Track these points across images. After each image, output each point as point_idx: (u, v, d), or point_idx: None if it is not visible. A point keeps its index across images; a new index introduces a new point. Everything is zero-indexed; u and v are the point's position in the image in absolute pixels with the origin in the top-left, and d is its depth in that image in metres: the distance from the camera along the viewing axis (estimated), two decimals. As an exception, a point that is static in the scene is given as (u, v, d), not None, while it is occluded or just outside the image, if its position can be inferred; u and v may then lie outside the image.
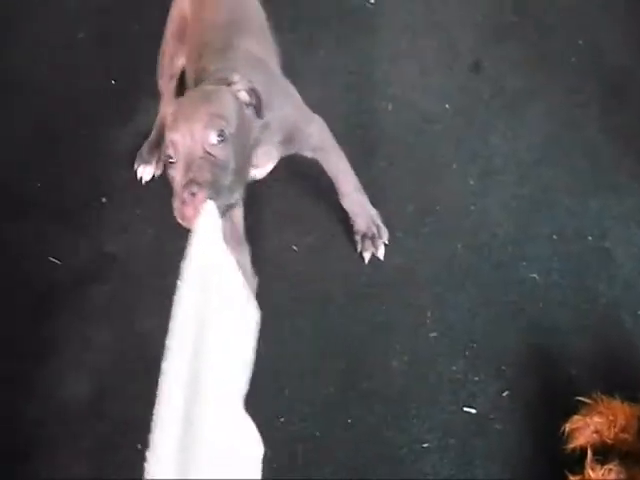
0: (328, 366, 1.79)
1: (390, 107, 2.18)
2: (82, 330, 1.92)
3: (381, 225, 1.93)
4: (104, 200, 2.13)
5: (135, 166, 2.13)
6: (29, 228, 2.11)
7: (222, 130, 1.40)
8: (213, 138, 1.39)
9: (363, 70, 2.27)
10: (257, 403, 1.29)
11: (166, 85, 2.09)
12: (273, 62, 1.86)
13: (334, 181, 1.90)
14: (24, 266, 2.04)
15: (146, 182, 2.13)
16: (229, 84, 1.52)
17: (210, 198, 1.33)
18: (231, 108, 1.48)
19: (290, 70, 2.22)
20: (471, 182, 2.02)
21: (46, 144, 2.23)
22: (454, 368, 1.75)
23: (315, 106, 2.12)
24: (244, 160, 1.49)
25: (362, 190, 1.93)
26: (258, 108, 1.55)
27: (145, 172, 2.13)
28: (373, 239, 1.92)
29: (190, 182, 1.33)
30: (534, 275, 1.85)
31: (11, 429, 1.78)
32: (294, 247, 1.98)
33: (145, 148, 2.14)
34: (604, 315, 1.80)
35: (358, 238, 1.93)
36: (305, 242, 1.99)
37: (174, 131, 1.41)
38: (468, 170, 2.04)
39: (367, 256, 1.92)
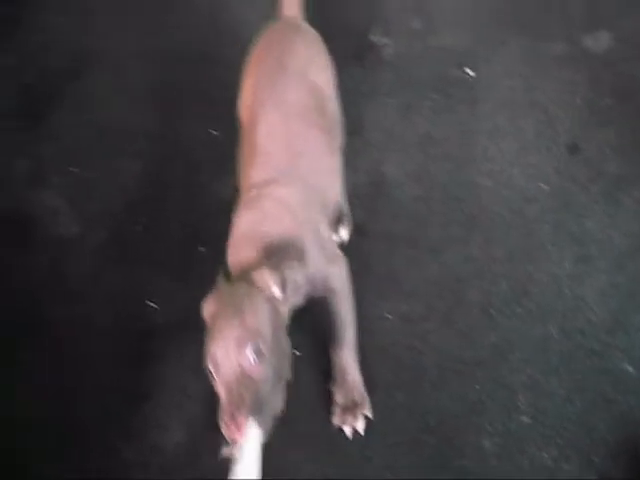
0: (419, 439, 1.82)
1: (488, 182, 2.22)
2: (178, 376, 1.99)
3: (364, 394, 1.83)
4: (202, 249, 2.18)
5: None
6: (130, 271, 2.18)
7: (258, 347, 1.43)
8: (250, 358, 1.42)
9: (462, 142, 2.31)
10: (344, 469, 1.31)
11: None
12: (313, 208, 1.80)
13: (333, 328, 1.83)
14: (123, 308, 2.12)
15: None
16: (260, 286, 1.52)
17: (254, 419, 1.38)
18: (265, 317, 1.49)
19: (388, 134, 2.30)
20: (566, 265, 2.04)
21: (152, 189, 2.31)
22: (545, 455, 1.77)
23: (413, 172, 2.21)
24: (283, 359, 1.51)
25: (356, 350, 1.86)
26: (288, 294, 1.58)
27: None
28: (354, 410, 1.82)
29: (232, 409, 1.38)
30: (628, 367, 1.87)
31: (106, 467, 1.86)
32: (388, 315, 2.00)
33: None
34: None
35: (337, 410, 1.83)
36: (400, 311, 2.02)
37: (211, 345, 1.45)
38: (564, 253, 2.06)
39: (348, 430, 1.81)
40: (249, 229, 1.69)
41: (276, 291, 1.54)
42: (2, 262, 2.22)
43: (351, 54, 2.56)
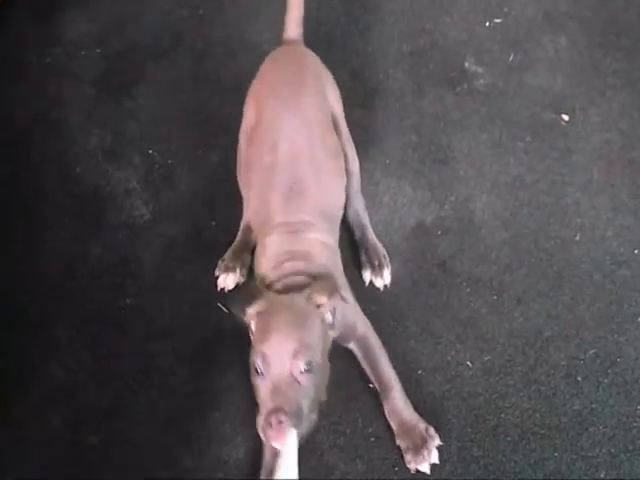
0: (495, 502, 1.74)
1: (578, 237, 2.15)
2: (246, 389, 1.85)
3: (427, 427, 1.80)
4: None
5: (216, 273, 2.03)
6: (201, 268, 2.10)
7: (310, 362, 1.51)
8: (302, 367, 1.50)
9: (553, 190, 2.24)
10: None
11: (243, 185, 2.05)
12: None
13: (374, 374, 1.84)
14: (191, 308, 2.05)
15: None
16: (318, 306, 1.60)
17: (293, 427, 1.45)
18: (319, 336, 1.58)
19: (478, 169, 2.23)
20: (658, 343, 1.97)
21: (230, 184, 2.19)
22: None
23: (501, 215, 2.17)
24: (323, 381, 1.59)
25: (404, 392, 1.83)
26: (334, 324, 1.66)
27: (228, 280, 2.01)
28: (424, 446, 1.77)
29: (278, 410, 1.44)
30: None
31: (164, 476, 1.81)
32: (469, 363, 1.94)
33: (228, 254, 2.04)
34: None
35: (408, 455, 1.79)
36: (481, 360, 1.96)
37: (265, 345, 1.52)
38: (654, 326, 1.99)
39: (426, 468, 1.77)
40: (289, 249, 1.75)
41: (329, 317, 1.63)
42: (76, 241, 2.12)
43: (443, 78, 2.48)
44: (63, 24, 2.56)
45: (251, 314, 1.62)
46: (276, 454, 1.58)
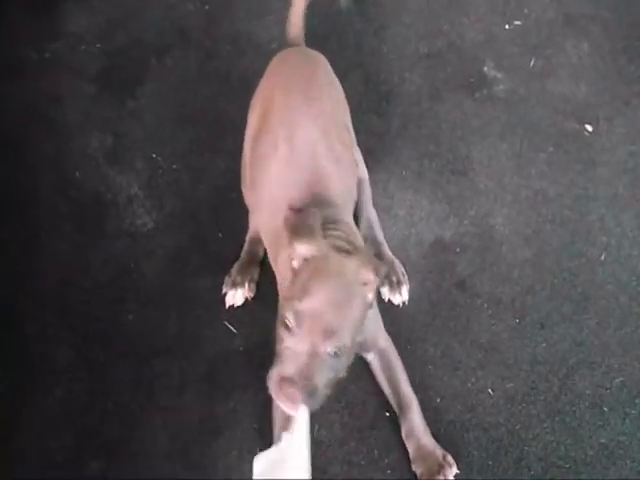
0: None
1: (603, 257, 2.05)
2: (251, 413, 1.82)
3: (443, 452, 1.72)
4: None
5: (224, 290, 1.92)
6: (208, 282, 2.00)
7: (340, 347, 1.42)
8: (330, 350, 1.42)
9: (577, 206, 2.14)
10: None
11: (250, 195, 1.90)
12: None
13: (393, 392, 1.76)
14: (197, 325, 1.94)
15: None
16: (364, 284, 1.48)
17: (304, 403, 1.40)
18: (357, 319, 1.48)
19: (498, 182, 2.12)
20: (684, 368, 1.88)
21: (237, 192, 2.07)
22: None
23: (523, 232, 2.08)
24: (348, 361, 1.50)
25: (422, 415, 1.75)
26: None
27: (236, 297, 1.91)
28: (440, 471, 1.70)
29: (293, 381, 1.39)
30: None
31: None
32: (490, 391, 1.84)
33: (235, 269, 1.93)
34: None
35: (422, 476, 1.71)
36: (503, 387, 1.86)
37: (303, 305, 1.41)
38: (683, 353, 1.90)
39: None
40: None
41: (370, 297, 1.51)
42: (75, 251, 2.00)
43: (461, 83, 2.37)
44: (62, 17, 2.42)
45: (299, 254, 1.49)
46: (285, 427, 1.52)
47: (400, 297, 1.93)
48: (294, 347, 1.42)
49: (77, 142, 2.18)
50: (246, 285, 1.90)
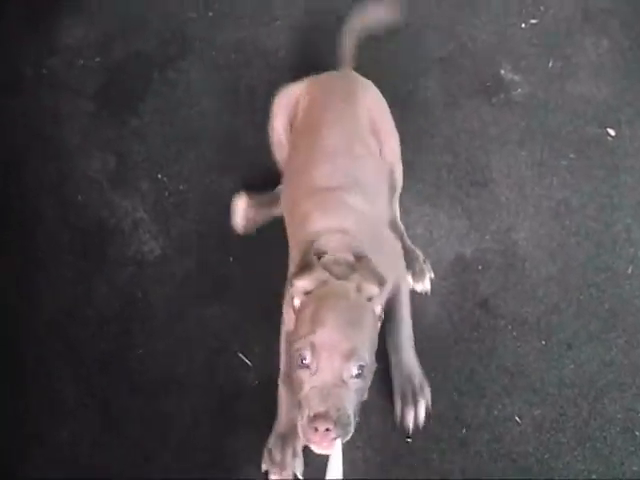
0: None
1: (630, 270, 1.96)
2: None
3: (424, 381, 1.75)
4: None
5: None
6: (219, 311, 1.92)
7: (362, 366, 1.40)
8: (354, 372, 1.39)
9: (601, 216, 2.04)
10: None
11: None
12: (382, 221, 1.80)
13: (392, 326, 1.75)
14: (208, 357, 1.86)
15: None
16: (369, 299, 1.48)
17: (338, 436, 1.36)
18: (371, 335, 1.47)
19: (520, 192, 2.03)
20: None
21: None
22: None
23: (547, 246, 1.99)
24: (370, 380, 1.47)
25: (413, 343, 1.77)
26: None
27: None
28: (414, 399, 1.72)
29: (327, 417, 1.34)
30: None
31: None
32: (518, 419, 1.76)
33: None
34: None
35: (398, 403, 1.73)
36: (531, 414, 1.79)
37: (317, 337, 1.38)
38: None
39: (410, 424, 1.72)
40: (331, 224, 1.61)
41: (379, 310, 1.52)
42: (78, 281, 1.90)
43: (478, 87, 2.27)
44: (58, 29, 2.32)
45: (298, 289, 1.48)
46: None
47: (422, 286, 1.89)
48: (318, 382, 1.38)
49: (78, 164, 2.09)
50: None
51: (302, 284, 1.48)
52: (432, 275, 1.91)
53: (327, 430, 1.34)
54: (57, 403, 1.78)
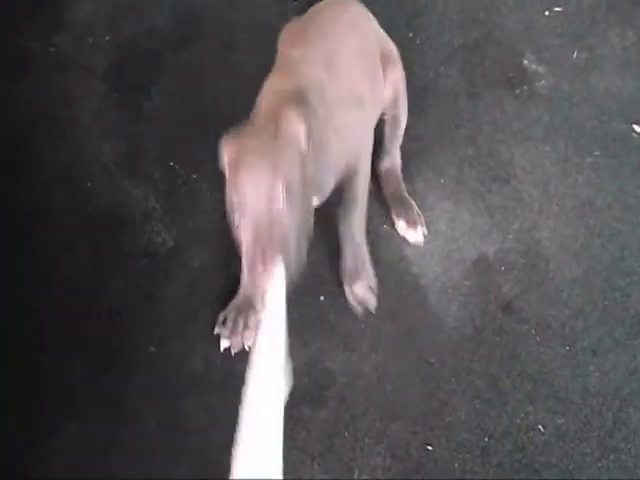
0: None
1: (657, 275, 1.89)
2: (296, 461, 1.67)
3: (368, 265, 1.79)
4: (323, 299, 1.82)
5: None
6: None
7: (290, 186, 1.35)
8: (281, 195, 1.34)
9: (627, 217, 1.98)
10: None
11: None
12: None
13: (344, 205, 1.73)
14: (230, 357, 1.78)
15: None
16: (287, 135, 1.40)
17: (281, 261, 1.31)
18: (293, 164, 1.40)
19: (543, 190, 1.97)
20: None
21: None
22: None
23: (571, 247, 1.94)
24: (307, 211, 1.44)
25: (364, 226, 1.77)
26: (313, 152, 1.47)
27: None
28: (358, 276, 1.78)
29: (259, 246, 1.31)
30: None
31: None
32: (541, 428, 1.71)
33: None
34: None
35: (345, 280, 1.79)
36: (554, 424, 1.73)
37: (238, 184, 1.36)
38: None
39: (358, 310, 1.78)
40: (279, 87, 1.59)
41: (302, 139, 1.42)
42: (88, 275, 1.82)
43: (500, 78, 2.20)
44: (66, 4, 2.19)
45: (225, 156, 1.43)
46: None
47: (415, 235, 1.90)
48: (247, 219, 1.34)
49: (88, 148, 1.99)
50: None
51: (226, 150, 1.44)
52: (425, 230, 1.92)
53: (267, 257, 1.30)
54: (67, 400, 1.71)
